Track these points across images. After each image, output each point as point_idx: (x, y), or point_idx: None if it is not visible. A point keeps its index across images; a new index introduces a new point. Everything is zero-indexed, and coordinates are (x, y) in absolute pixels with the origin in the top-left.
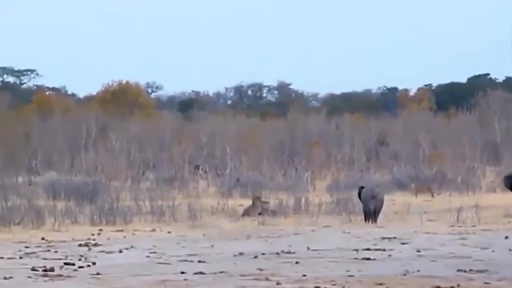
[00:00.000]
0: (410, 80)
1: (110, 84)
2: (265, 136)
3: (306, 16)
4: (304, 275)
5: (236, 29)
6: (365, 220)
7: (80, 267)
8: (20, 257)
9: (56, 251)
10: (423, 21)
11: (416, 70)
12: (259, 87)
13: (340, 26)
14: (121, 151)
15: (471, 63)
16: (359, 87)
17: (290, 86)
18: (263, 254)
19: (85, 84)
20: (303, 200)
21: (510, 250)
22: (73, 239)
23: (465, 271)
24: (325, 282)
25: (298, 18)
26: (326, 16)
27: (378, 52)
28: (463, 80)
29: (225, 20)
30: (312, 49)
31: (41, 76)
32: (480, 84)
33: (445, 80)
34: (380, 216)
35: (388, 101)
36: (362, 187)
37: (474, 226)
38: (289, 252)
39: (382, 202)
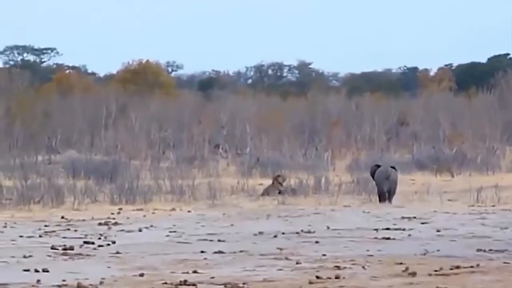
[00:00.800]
0: (431, 60)
1: (130, 63)
2: (285, 116)
3: None
4: (324, 255)
5: (257, 8)
6: (380, 201)
7: (99, 246)
8: (40, 236)
9: (75, 230)
10: (444, 0)
11: (436, 50)
12: (279, 66)
13: (361, 4)
14: (141, 130)
15: (491, 42)
16: (379, 67)
17: (311, 66)
18: (283, 233)
19: (105, 63)
20: (323, 180)
21: None
22: (92, 218)
23: (484, 251)
24: (344, 261)
25: None
26: None
27: (398, 31)
28: (484, 60)
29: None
30: (332, 28)
31: (61, 54)
32: (500, 64)
33: (466, 60)
34: (398, 197)
35: (408, 81)
36: (377, 166)
37: (493, 206)
38: (308, 232)
39: (395, 183)
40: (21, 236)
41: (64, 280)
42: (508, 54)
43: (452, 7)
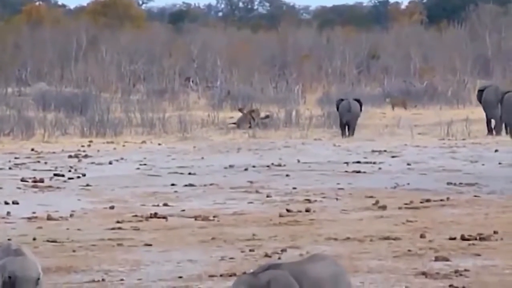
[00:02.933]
0: None
1: None
2: (256, 49)
3: None
4: (294, 188)
5: None
6: (342, 134)
7: (70, 178)
8: (10, 168)
9: (45, 163)
10: None
11: None
12: None
13: None
14: (111, 63)
15: None
16: (350, 0)
17: None
18: (253, 166)
19: None
20: (293, 113)
21: (499, 163)
22: (63, 150)
23: (455, 184)
24: (315, 194)
25: None
26: None
27: None
28: None
29: None
30: None
31: None
32: None
33: None
34: (369, 130)
35: (379, 14)
36: (341, 100)
37: (464, 139)
38: (279, 165)
39: (356, 115)
40: None
41: (34, 212)
42: None
43: None
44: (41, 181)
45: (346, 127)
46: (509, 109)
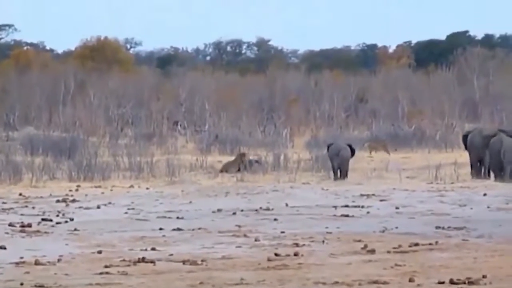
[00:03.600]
0: (390, 37)
1: (89, 39)
2: (244, 93)
3: None
4: (283, 232)
5: None
6: (334, 177)
7: (57, 223)
8: None
9: (33, 207)
10: None
11: (395, 27)
12: (238, 43)
13: None
14: (99, 107)
15: (450, 20)
16: (338, 44)
17: (270, 43)
18: (242, 210)
19: (63, 39)
20: (282, 157)
21: (488, 207)
22: (50, 195)
23: (443, 228)
24: (303, 238)
25: None
26: None
27: (357, 8)
28: (442, 37)
29: None
30: (291, 5)
31: (19, 31)
32: (459, 41)
33: (425, 37)
34: (357, 174)
35: (367, 58)
36: (331, 144)
37: (452, 183)
38: (267, 209)
39: (346, 160)
40: None
41: (22, 257)
42: (467, 32)
43: None
44: (29, 225)
45: (339, 171)
46: (495, 154)
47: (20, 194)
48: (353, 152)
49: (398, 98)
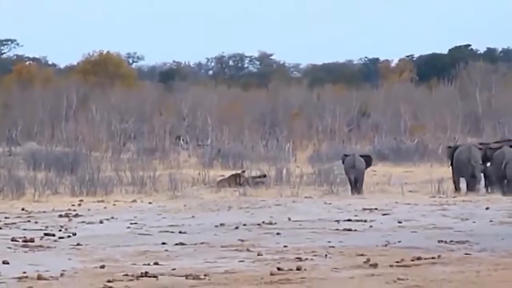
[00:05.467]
0: (392, 51)
1: (91, 54)
2: (247, 107)
3: None
4: (285, 246)
5: (218, 0)
6: (351, 190)
7: (60, 238)
8: (0, 228)
9: (36, 222)
10: None
11: (397, 41)
12: (240, 57)
13: None
14: (102, 122)
15: (452, 34)
16: (340, 58)
17: (272, 57)
18: (244, 225)
19: (66, 54)
20: (284, 171)
21: (490, 221)
22: (53, 209)
23: (445, 242)
24: (306, 253)
25: None
26: None
27: (359, 22)
28: (445, 51)
29: None
30: (293, 19)
31: (22, 46)
32: (461, 55)
33: (427, 51)
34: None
35: (370, 72)
36: (345, 155)
37: (454, 197)
38: (270, 223)
39: (362, 172)
40: None
41: (24, 272)
42: (469, 45)
43: None
44: (32, 240)
45: (355, 184)
46: (498, 165)
47: (23, 209)
48: (370, 162)
49: (401, 112)
